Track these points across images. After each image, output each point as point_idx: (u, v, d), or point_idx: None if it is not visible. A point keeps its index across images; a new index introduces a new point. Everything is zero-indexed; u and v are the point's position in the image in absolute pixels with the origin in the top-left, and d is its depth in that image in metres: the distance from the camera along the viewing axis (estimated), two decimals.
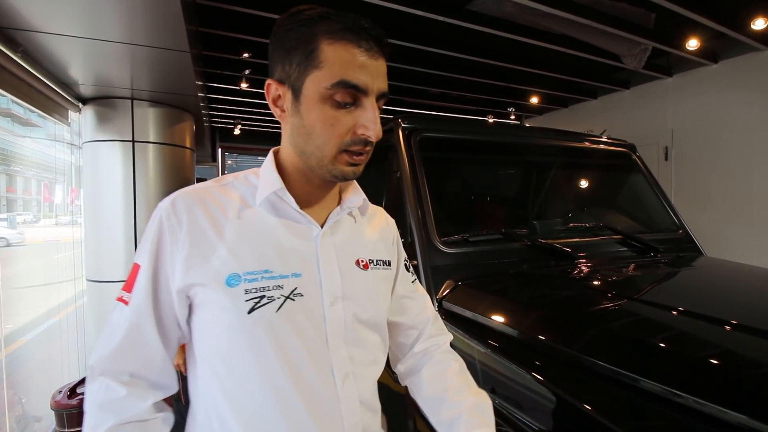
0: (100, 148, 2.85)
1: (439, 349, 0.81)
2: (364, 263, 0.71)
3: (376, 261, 0.73)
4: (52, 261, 3.56)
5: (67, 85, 2.56)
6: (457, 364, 0.79)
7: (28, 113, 3.01)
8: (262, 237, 0.63)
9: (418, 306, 0.82)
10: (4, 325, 2.60)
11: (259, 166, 0.70)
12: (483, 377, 1.10)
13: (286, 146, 0.66)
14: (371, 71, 0.58)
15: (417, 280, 0.85)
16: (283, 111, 0.63)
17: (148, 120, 2.92)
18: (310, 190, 0.66)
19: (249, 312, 0.58)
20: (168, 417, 0.64)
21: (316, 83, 0.58)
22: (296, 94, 0.60)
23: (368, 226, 0.76)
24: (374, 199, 0.83)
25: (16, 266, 3.48)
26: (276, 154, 0.67)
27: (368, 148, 0.61)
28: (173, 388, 0.66)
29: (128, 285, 0.62)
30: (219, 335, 0.60)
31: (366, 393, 0.68)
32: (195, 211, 0.61)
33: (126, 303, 0.61)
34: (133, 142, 2.86)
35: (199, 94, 3.05)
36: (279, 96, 0.62)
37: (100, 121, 2.83)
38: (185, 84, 2.61)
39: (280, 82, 0.61)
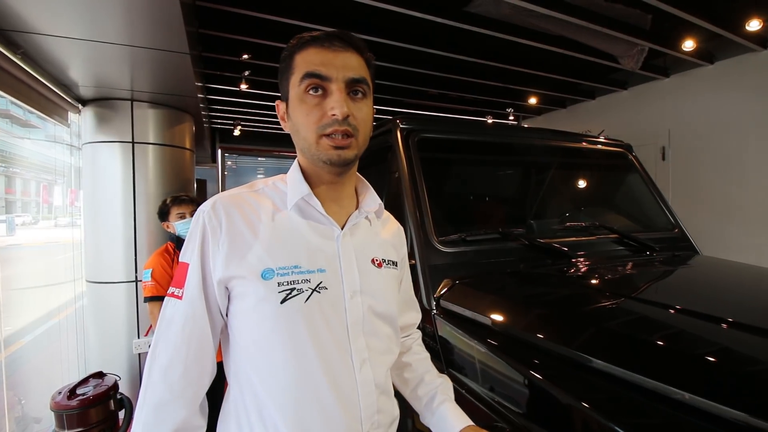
0: (99, 149, 2.85)
1: (415, 342, 0.95)
2: (378, 262, 0.78)
3: (388, 261, 0.81)
4: (52, 262, 3.56)
5: (67, 87, 2.56)
6: (427, 354, 0.94)
7: (28, 114, 3.01)
8: (292, 237, 0.70)
9: (412, 309, 0.96)
10: (4, 327, 2.60)
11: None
12: (480, 374, 1.11)
13: (297, 152, 0.75)
14: (334, 63, 0.67)
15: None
16: (285, 122, 0.73)
17: (148, 121, 2.91)
18: (327, 187, 0.73)
19: (282, 302, 0.65)
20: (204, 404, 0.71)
21: (293, 86, 0.69)
22: (287, 102, 0.71)
23: (382, 229, 0.84)
24: None
25: (16, 267, 3.48)
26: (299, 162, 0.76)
27: (346, 129, 0.66)
28: (213, 374, 0.71)
29: (178, 282, 0.68)
30: (255, 322, 0.67)
31: (381, 378, 0.74)
32: (232, 213, 0.69)
33: (179, 298, 0.68)
34: (133, 143, 2.85)
35: (199, 96, 3.05)
36: (284, 111, 0.73)
37: (99, 122, 2.83)
38: (185, 85, 2.62)
39: (282, 100, 0.73)
